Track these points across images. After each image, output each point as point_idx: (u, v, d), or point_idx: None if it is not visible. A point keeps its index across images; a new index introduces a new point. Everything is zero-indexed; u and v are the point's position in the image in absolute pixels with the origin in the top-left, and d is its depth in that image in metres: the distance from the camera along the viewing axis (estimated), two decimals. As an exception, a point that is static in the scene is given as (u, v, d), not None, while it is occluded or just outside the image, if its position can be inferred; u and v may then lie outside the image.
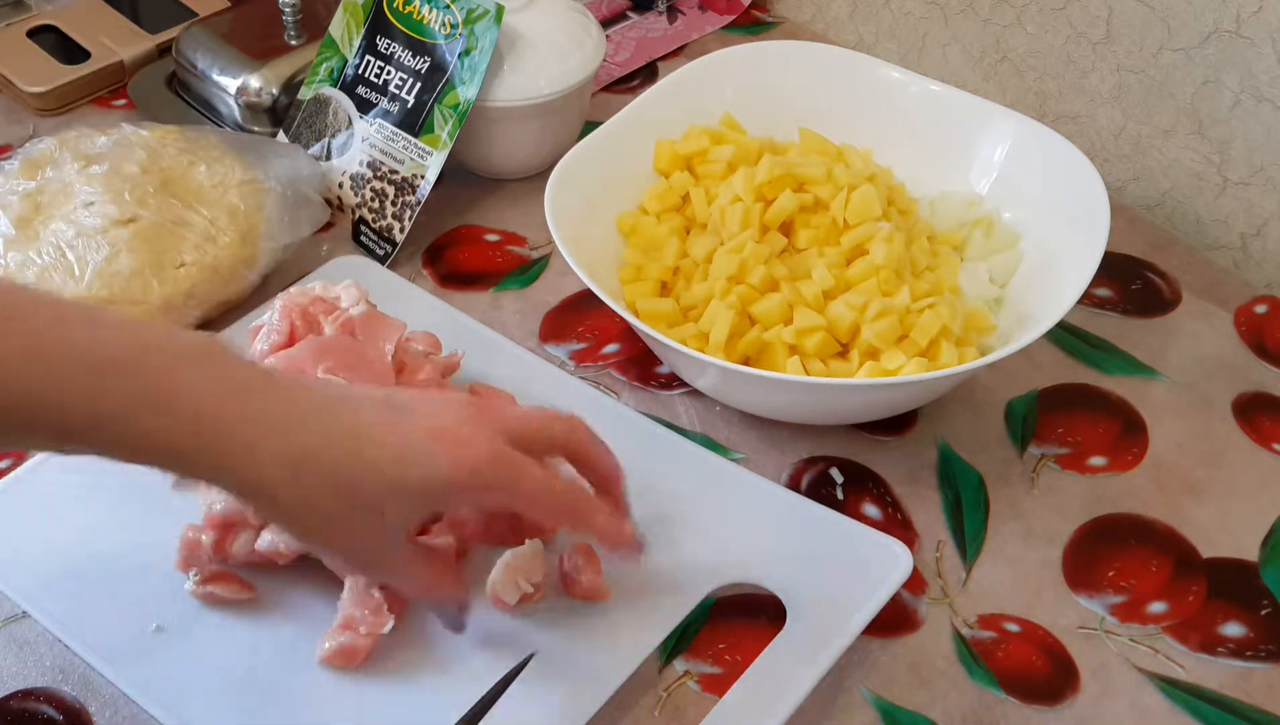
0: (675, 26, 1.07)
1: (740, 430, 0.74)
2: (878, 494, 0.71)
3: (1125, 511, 0.71)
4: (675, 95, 0.84)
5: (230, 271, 0.77)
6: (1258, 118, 0.84)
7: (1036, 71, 0.95)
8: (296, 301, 0.68)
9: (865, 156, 0.83)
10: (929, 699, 0.62)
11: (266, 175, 0.81)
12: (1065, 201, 0.76)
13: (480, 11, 0.83)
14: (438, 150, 0.84)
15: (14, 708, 0.60)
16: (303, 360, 0.64)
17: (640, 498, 0.68)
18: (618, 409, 0.74)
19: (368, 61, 0.87)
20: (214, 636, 0.62)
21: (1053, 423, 0.75)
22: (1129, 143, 0.91)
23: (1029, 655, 0.64)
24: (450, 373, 0.71)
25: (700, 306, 0.74)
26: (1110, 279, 0.84)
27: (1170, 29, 0.85)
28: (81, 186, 0.77)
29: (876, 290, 0.73)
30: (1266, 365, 0.79)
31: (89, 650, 0.61)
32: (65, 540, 0.65)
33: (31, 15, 1.01)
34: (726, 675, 0.62)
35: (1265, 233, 0.87)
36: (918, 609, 0.66)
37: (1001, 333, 0.75)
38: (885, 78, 0.85)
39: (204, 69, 0.92)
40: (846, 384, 0.68)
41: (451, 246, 0.86)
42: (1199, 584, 0.67)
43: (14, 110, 0.96)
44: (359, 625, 0.60)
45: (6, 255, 0.74)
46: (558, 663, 0.61)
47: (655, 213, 0.80)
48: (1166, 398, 0.77)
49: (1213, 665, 0.64)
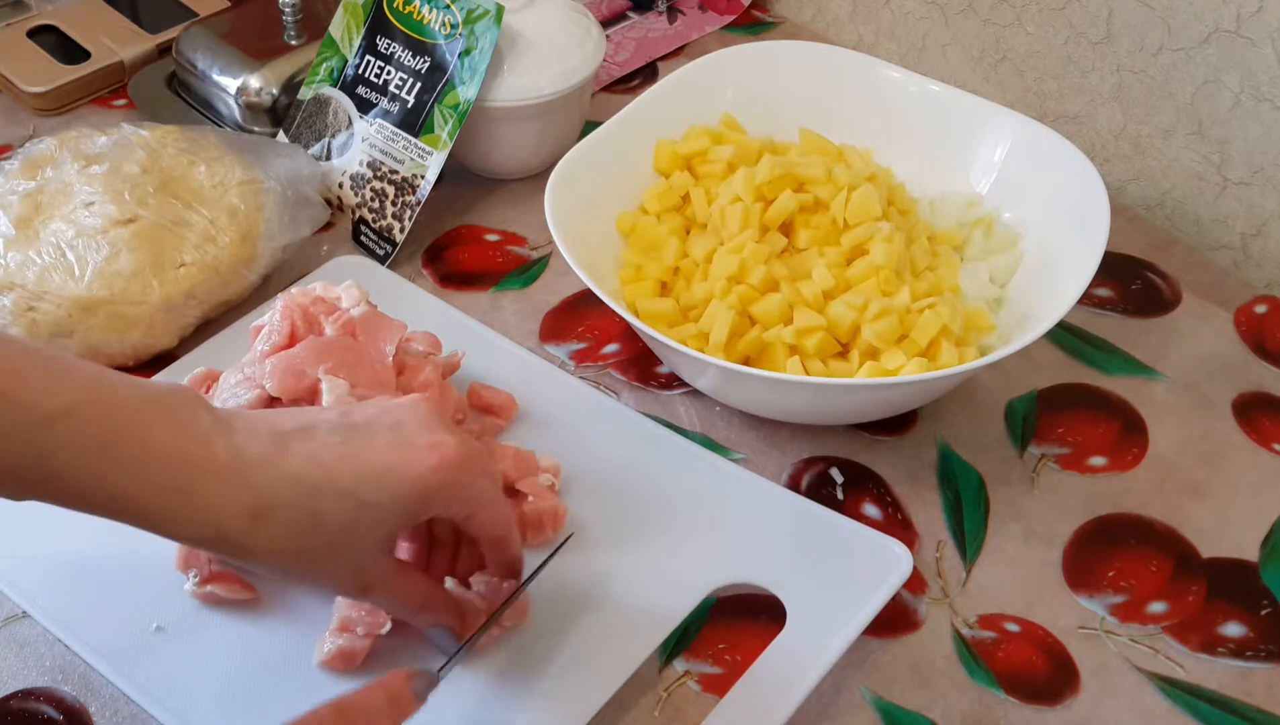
0: (675, 26, 1.07)
1: (740, 430, 0.74)
2: (878, 494, 0.71)
3: (1125, 511, 0.71)
4: (675, 95, 0.84)
5: (230, 271, 0.77)
6: (1258, 118, 0.84)
7: (1036, 71, 0.95)
8: (297, 302, 0.68)
9: (865, 156, 0.83)
10: (929, 699, 0.62)
11: (266, 175, 0.81)
12: (1065, 201, 0.76)
13: (480, 11, 0.83)
14: (438, 150, 0.84)
15: (14, 708, 0.60)
16: (304, 361, 0.64)
17: (640, 498, 0.68)
18: (618, 409, 0.74)
19: (368, 61, 0.87)
20: (214, 637, 0.62)
21: (1053, 423, 0.75)
22: (1129, 143, 0.91)
23: (1029, 655, 0.64)
24: (450, 373, 0.71)
25: (700, 306, 0.74)
26: (1110, 279, 0.84)
27: (1170, 29, 0.85)
28: (81, 186, 0.77)
29: (876, 290, 0.73)
30: (1266, 365, 0.79)
31: (89, 650, 0.61)
32: (65, 540, 0.65)
33: (31, 15, 1.01)
34: (726, 675, 0.62)
35: (1265, 233, 0.87)
36: (918, 609, 0.66)
37: (1001, 333, 0.75)
38: (885, 78, 0.85)
39: (204, 69, 0.92)
40: (846, 384, 0.68)
41: (451, 246, 0.86)
42: (1199, 584, 0.67)
43: (14, 110, 0.96)
44: (356, 627, 0.60)
45: (6, 255, 0.74)
46: (557, 663, 0.61)
47: (655, 213, 0.80)
48: (1166, 398, 0.77)
49: (1213, 665, 0.64)
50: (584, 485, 0.69)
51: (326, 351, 0.65)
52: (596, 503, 0.68)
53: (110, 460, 0.48)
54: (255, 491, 0.50)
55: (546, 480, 0.67)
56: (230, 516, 0.49)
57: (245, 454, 0.50)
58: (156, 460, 0.48)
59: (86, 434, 0.47)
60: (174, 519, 0.49)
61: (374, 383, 0.65)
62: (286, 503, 0.50)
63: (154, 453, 0.48)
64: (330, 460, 0.51)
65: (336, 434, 0.52)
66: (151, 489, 0.48)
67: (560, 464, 0.69)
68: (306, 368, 0.64)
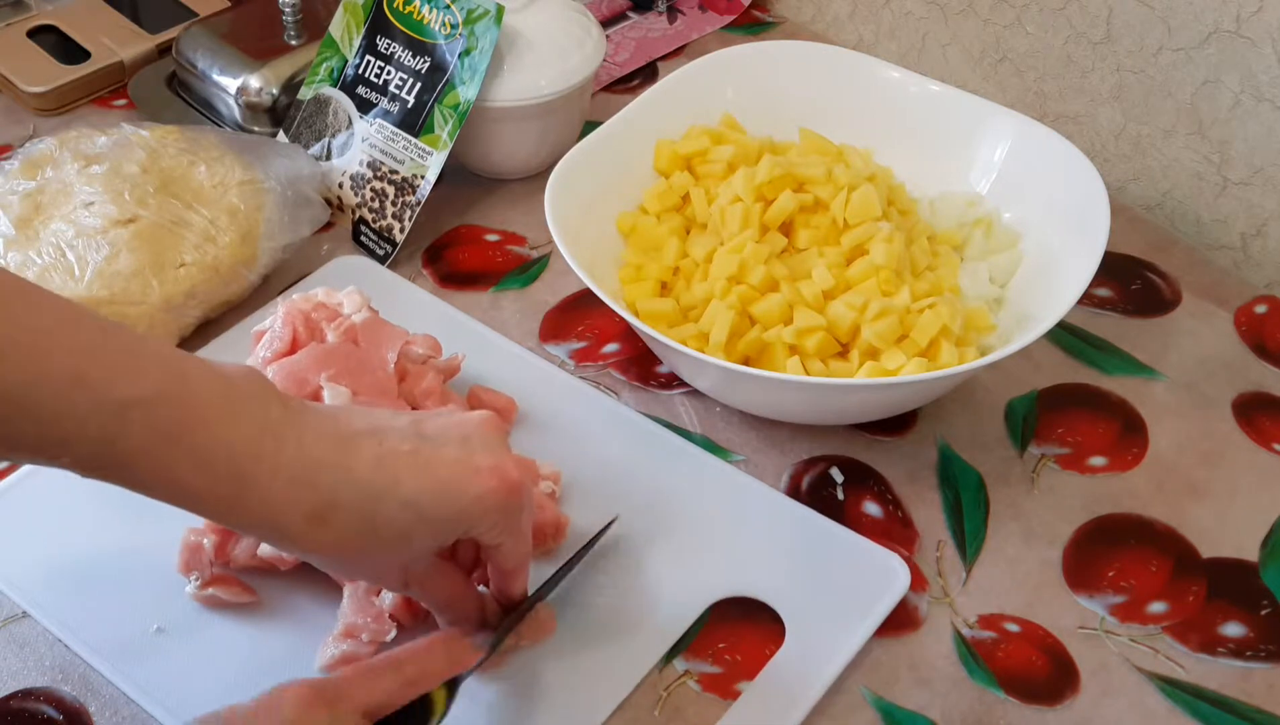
0: (675, 26, 1.07)
1: (740, 430, 0.74)
2: (878, 493, 0.71)
3: (1125, 511, 0.71)
4: (675, 95, 0.84)
5: (230, 271, 0.77)
6: (1258, 118, 0.84)
7: (1036, 71, 0.95)
8: (299, 308, 0.68)
9: (865, 156, 0.83)
10: (929, 699, 0.62)
11: (266, 175, 0.81)
12: (1065, 201, 0.76)
13: (480, 11, 0.83)
14: (438, 150, 0.84)
15: (14, 708, 0.60)
16: (305, 368, 0.64)
17: (640, 504, 0.68)
18: (618, 409, 0.74)
19: (368, 61, 0.87)
20: (215, 639, 0.62)
21: (1053, 423, 0.75)
22: (1129, 143, 0.91)
23: (1029, 655, 0.64)
24: (451, 376, 0.71)
25: (700, 306, 0.74)
26: (1110, 279, 0.84)
27: (1170, 29, 0.85)
28: (81, 186, 0.77)
29: (876, 290, 0.73)
30: (1266, 365, 0.79)
31: (89, 650, 0.61)
32: (66, 541, 0.66)
33: (31, 15, 1.01)
34: (726, 675, 0.62)
35: (1265, 233, 0.87)
36: (918, 608, 0.66)
37: (1001, 333, 0.75)
38: (885, 78, 0.85)
39: (204, 69, 0.92)
40: (846, 384, 0.68)
41: (451, 246, 0.86)
42: (1199, 584, 0.67)
43: (14, 110, 0.96)
44: (361, 633, 0.60)
45: (6, 255, 0.74)
46: (555, 680, 0.61)
47: (655, 213, 0.80)
48: (1166, 398, 0.77)
49: (1213, 665, 0.64)
50: (584, 490, 0.69)
51: (328, 358, 0.65)
52: (596, 509, 0.67)
53: (179, 451, 0.47)
54: (319, 493, 0.50)
55: (547, 488, 0.67)
56: (290, 515, 0.49)
57: (313, 454, 0.50)
58: (225, 454, 0.48)
59: (158, 423, 0.47)
60: (234, 510, 0.49)
61: (375, 390, 0.65)
62: (347, 507, 0.50)
63: (223, 447, 0.48)
64: (397, 467, 0.51)
65: (407, 442, 0.52)
66: (216, 481, 0.48)
67: (560, 470, 0.69)
68: (308, 375, 0.64)
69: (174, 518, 0.62)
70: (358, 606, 0.60)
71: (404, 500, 0.51)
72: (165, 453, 0.47)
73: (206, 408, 0.48)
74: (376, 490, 0.51)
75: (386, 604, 0.60)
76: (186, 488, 0.48)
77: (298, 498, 0.49)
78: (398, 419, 0.54)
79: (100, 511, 0.66)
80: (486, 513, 0.53)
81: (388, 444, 0.52)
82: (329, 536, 0.50)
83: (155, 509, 0.64)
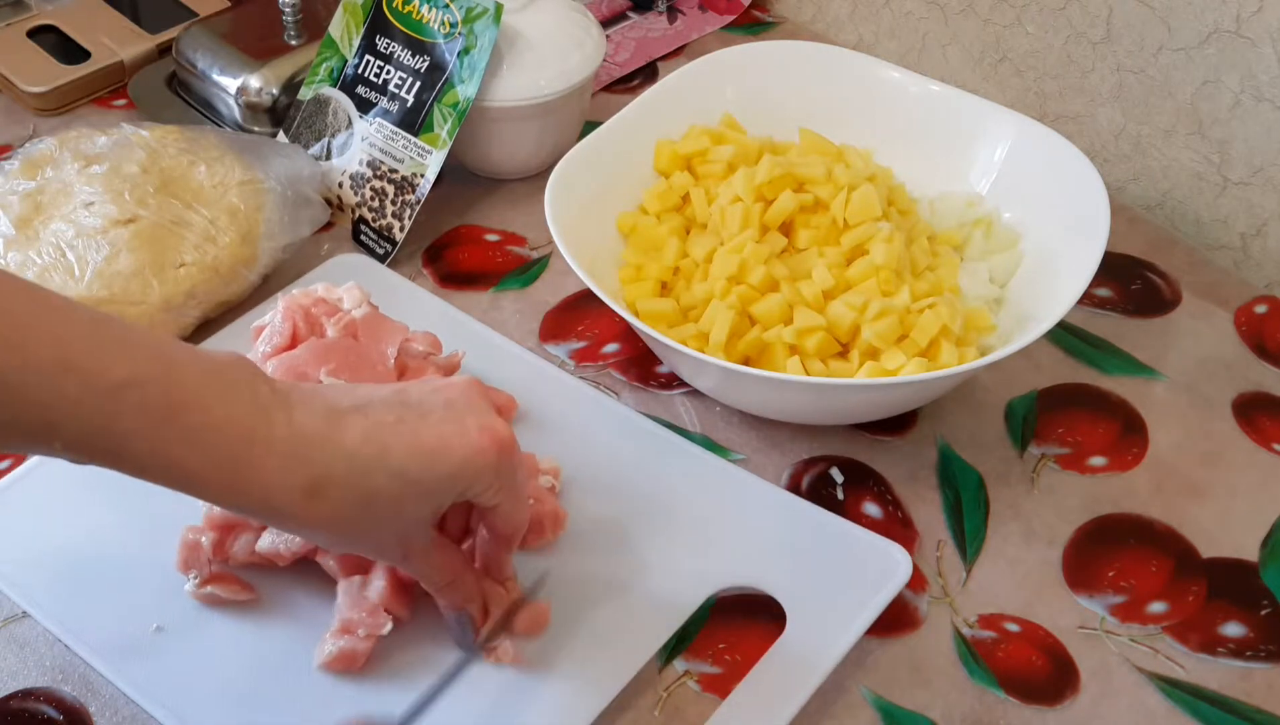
0: (675, 26, 1.07)
1: (740, 430, 0.74)
2: (878, 493, 0.71)
3: (1125, 511, 0.71)
4: (675, 95, 0.84)
5: (230, 271, 0.77)
6: (1258, 118, 0.84)
7: (1036, 71, 0.95)
8: (299, 303, 0.68)
9: (865, 156, 0.83)
10: (929, 699, 0.62)
11: (266, 175, 0.81)
12: (1065, 201, 0.76)
13: (479, 10, 0.83)
14: (437, 149, 0.84)
15: (14, 708, 0.60)
16: (305, 363, 0.64)
17: (640, 500, 0.68)
18: (618, 409, 0.74)
19: (367, 61, 0.87)
20: (214, 637, 0.62)
21: (1053, 423, 0.75)
22: (1129, 143, 0.91)
23: (1029, 655, 0.64)
24: (451, 373, 0.71)
25: (700, 306, 0.74)
26: (1110, 279, 0.84)
27: (1170, 29, 0.85)
28: (81, 186, 0.77)
29: (876, 290, 0.73)
30: (1266, 365, 0.79)
31: (89, 650, 0.61)
32: (66, 540, 0.65)
33: (31, 15, 1.01)
34: (726, 675, 0.62)
35: (1265, 233, 0.87)
36: (918, 608, 0.66)
37: (1001, 333, 0.75)
38: (885, 78, 0.85)
39: (204, 69, 0.92)
40: (846, 384, 0.68)
41: (451, 246, 0.86)
42: (1199, 584, 0.67)
43: (14, 110, 0.96)
44: (358, 628, 0.60)
45: (6, 255, 0.74)
46: (555, 669, 0.61)
47: (655, 213, 0.80)
48: (1166, 398, 0.77)
49: (1213, 665, 0.64)
50: (583, 486, 0.69)
51: (328, 353, 0.65)
52: (596, 504, 0.68)
53: (172, 431, 0.48)
54: (312, 468, 0.50)
55: (546, 482, 0.67)
56: (285, 492, 0.50)
57: (304, 430, 0.51)
58: (217, 433, 0.49)
59: (150, 404, 0.47)
60: (229, 490, 0.50)
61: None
62: (340, 480, 0.51)
63: (215, 426, 0.49)
64: (384, 437, 0.52)
65: (392, 411, 0.53)
66: (210, 461, 0.49)
67: (560, 466, 0.69)
68: (308, 369, 0.64)
69: (173, 517, 0.63)
70: (352, 602, 0.60)
71: (393, 470, 0.52)
72: (158, 434, 0.48)
73: (197, 389, 0.49)
74: (366, 462, 0.51)
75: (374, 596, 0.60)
76: (182, 468, 0.49)
77: (292, 474, 0.50)
78: (380, 390, 0.55)
79: (100, 511, 0.66)
80: (480, 473, 0.54)
81: (373, 416, 0.52)
82: (325, 510, 0.51)
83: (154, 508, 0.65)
